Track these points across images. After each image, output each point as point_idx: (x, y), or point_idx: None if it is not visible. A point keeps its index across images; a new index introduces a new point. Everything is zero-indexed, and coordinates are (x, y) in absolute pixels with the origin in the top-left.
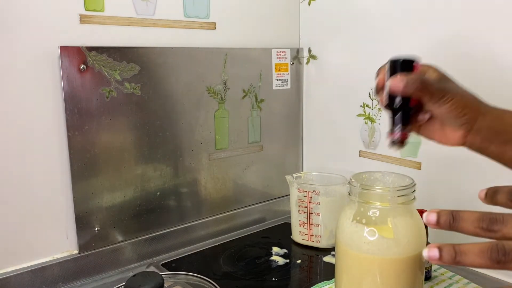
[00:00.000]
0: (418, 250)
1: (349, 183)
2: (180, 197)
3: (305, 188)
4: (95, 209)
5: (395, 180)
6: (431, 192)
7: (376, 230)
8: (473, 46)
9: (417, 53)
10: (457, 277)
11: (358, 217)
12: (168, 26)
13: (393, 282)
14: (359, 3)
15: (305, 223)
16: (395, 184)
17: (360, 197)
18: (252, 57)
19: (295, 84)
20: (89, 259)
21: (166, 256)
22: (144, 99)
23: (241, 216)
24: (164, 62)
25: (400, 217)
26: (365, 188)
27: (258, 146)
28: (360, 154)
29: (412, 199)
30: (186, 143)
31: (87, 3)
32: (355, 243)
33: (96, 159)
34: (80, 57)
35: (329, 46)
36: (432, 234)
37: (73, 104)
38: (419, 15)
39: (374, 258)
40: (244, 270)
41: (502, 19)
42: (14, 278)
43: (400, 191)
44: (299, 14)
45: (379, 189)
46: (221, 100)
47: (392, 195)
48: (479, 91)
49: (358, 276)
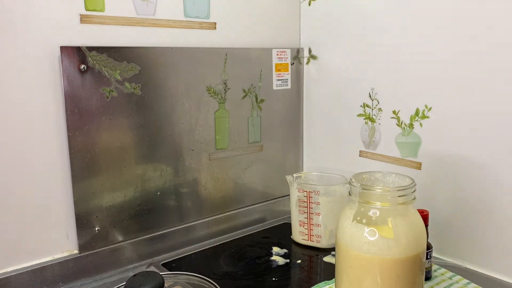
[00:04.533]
0: (418, 250)
1: (349, 183)
2: (180, 197)
3: (305, 188)
4: (95, 209)
5: (395, 180)
6: (431, 192)
7: (376, 230)
8: (473, 46)
9: (418, 53)
10: (457, 277)
11: (358, 217)
12: (168, 26)
13: (393, 282)
14: (359, 3)
15: (305, 223)
16: (395, 184)
17: (360, 197)
18: (252, 57)
19: (295, 84)
20: (89, 259)
21: (166, 256)
22: (144, 99)
23: (241, 216)
24: (164, 62)
25: (400, 217)
26: (365, 188)
27: (258, 146)
28: (360, 154)
29: (413, 199)
30: (186, 143)
31: (87, 3)
32: (355, 243)
33: (96, 159)
34: (80, 57)
35: (329, 46)
36: (433, 235)
37: (74, 104)
38: (419, 15)
39: (375, 258)
40: (244, 270)
41: (502, 19)
42: (14, 278)
43: (400, 191)
44: (299, 14)
45: (380, 189)
46: (221, 100)
47: (392, 195)
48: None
49: (358, 276)
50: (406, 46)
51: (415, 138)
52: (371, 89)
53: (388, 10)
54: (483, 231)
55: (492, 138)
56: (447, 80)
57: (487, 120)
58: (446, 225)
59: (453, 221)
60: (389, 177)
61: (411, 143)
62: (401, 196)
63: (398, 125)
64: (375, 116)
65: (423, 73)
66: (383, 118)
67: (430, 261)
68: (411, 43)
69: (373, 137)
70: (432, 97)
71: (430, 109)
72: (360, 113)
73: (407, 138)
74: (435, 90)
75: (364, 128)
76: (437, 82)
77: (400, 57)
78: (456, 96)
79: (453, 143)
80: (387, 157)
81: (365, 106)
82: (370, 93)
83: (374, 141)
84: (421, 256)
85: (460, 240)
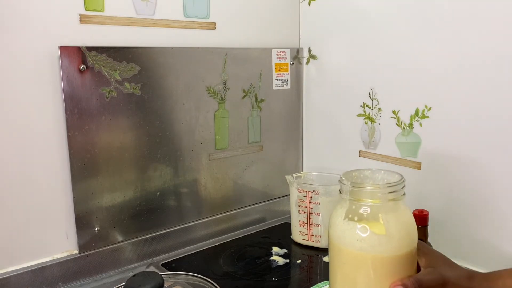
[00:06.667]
0: (410, 246)
1: (339, 182)
2: (180, 197)
3: (305, 188)
4: (95, 209)
5: (384, 177)
6: (431, 192)
7: (368, 226)
8: (473, 46)
9: (418, 53)
10: None
11: (350, 215)
12: (168, 26)
13: (386, 278)
14: (359, 3)
15: (305, 223)
16: (384, 181)
17: (351, 195)
18: (252, 57)
19: (295, 84)
20: (89, 259)
21: (166, 256)
22: (144, 99)
23: (241, 216)
24: (164, 62)
25: (391, 213)
26: (355, 186)
27: (258, 146)
28: (360, 154)
29: (402, 195)
30: (186, 143)
31: (87, 3)
32: (347, 241)
33: (96, 159)
34: (80, 57)
35: (329, 46)
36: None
37: (73, 104)
38: (419, 15)
39: (367, 255)
40: (244, 270)
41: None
42: (14, 278)
43: (390, 187)
44: (299, 14)
45: (370, 186)
46: (221, 100)
47: (382, 192)
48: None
49: (351, 273)
50: (406, 46)
51: (415, 138)
52: (371, 89)
53: (388, 10)
54: (483, 231)
55: (492, 138)
56: (447, 80)
57: (487, 120)
58: (446, 225)
59: (452, 221)
60: (378, 174)
61: (411, 143)
62: (391, 192)
63: (398, 125)
64: (375, 116)
65: (423, 73)
66: (383, 118)
67: None
68: (411, 43)
69: (373, 137)
70: (432, 97)
71: (430, 109)
72: (360, 113)
73: (407, 138)
74: (435, 90)
75: (364, 128)
76: (437, 82)
77: (400, 57)
78: (456, 96)
79: (453, 143)
80: (387, 157)
81: (365, 106)
82: (370, 93)
83: (374, 141)
84: (413, 251)
85: (459, 240)
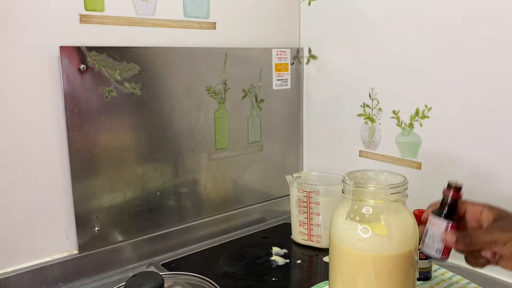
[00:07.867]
0: (411, 247)
1: (342, 181)
2: (180, 197)
3: (305, 188)
4: (95, 209)
5: (387, 178)
6: (431, 192)
7: (369, 227)
8: (474, 46)
9: (418, 53)
10: (457, 277)
11: (351, 215)
12: (168, 26)
13: (386, 278)
14: (359, 3)
15: (305, 223)
16: (388, 182)
17: (353, 195)
18: (252, 57)
19: (295, 84)
20: (89, 259)
21: (166, 256)
22: (144, 99)
23: (241, 216)
24: (164, 62)
25: (393, 215)
26: (358, 186)
27: (258, 146)
28: (360, 154)
29: (405, 196)
30: (186, 143)
31: (87, 3)
32: (348, 241)
33: (96, 159)
34: (80, 57)
35: (329, 46)
36: None
37: (73, 104)
38: (419, 15)
39: (368, 255)
40: (244, 270)
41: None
42: (14, 278)
43: (393, 188)
44: (299, 14)
45: (373, 187)
46: (221, 100)
47: (385, 193)
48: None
49: (352, 273)
50: (406, 46)
51: (415, 138)
52: (371, 89)
53: (388, 10)
54: None
55: (492, 137)
56: (447, 80)
57: (487, 120)
58: None
59: None
60: (382, 175)
61: (411, 143)
62: (394, 193)
63: (398, 125)
64: (375, 116)
65: (423, 73)
66: (383, 118)
67: (430, 261)
68: (412, 43)
69: (373, 137)
70: (432, 97)
71: (430, 109)
72: (360, 113)
73: (407, 138)
74: (435, 90)
75: (364, 128)
76: (437, 82)
77: (400, 57)
78: (456, 96)
79: (453, 143)
80: (387, 157)
81: (365, 106)
82: (370, 93)
83: (374, 141)
84: (413, 252)
85: None
